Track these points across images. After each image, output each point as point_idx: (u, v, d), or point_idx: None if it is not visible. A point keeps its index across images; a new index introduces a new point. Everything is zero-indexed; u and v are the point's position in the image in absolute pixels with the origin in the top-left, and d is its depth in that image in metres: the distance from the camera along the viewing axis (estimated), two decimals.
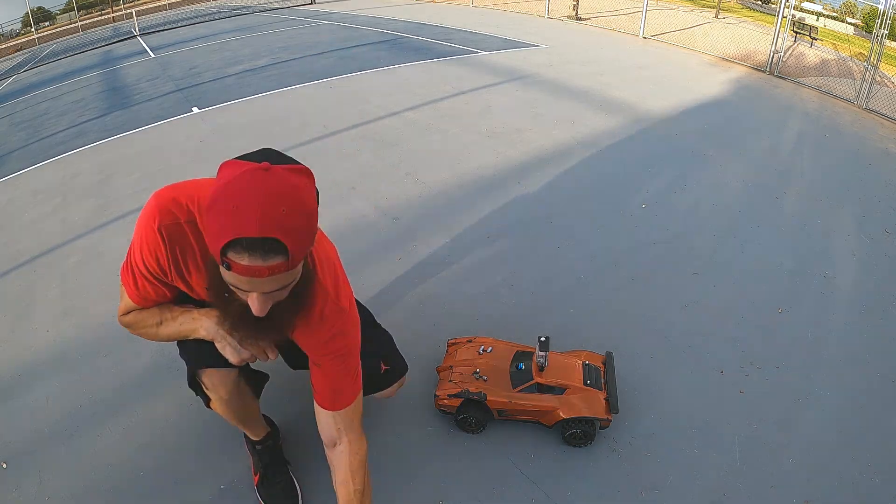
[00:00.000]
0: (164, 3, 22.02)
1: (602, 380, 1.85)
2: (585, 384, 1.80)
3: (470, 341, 2.03)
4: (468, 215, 3.08)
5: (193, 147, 4.31)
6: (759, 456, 1.72)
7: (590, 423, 1.75)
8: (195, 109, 5.15)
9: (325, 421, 1.27)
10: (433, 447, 1.85)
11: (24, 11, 21.13)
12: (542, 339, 1.77)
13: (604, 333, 2.23)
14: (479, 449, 1.83)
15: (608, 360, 1.93)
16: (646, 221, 2.95)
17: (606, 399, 1.78)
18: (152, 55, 9.33)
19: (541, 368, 1.81)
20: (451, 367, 1.94)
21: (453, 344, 2.05)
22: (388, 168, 3.66)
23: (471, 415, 1.80)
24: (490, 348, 1.96)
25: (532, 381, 1.79)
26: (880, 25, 5.16)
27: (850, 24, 11.94)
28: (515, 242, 2.84)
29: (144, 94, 6.38)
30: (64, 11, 22.59)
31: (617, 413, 1.76)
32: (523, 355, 1.90)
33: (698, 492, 1.64)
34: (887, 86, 5.89)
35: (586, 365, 1.87)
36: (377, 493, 1.54)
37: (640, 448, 1.80)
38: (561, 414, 1.76)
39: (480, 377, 1.85)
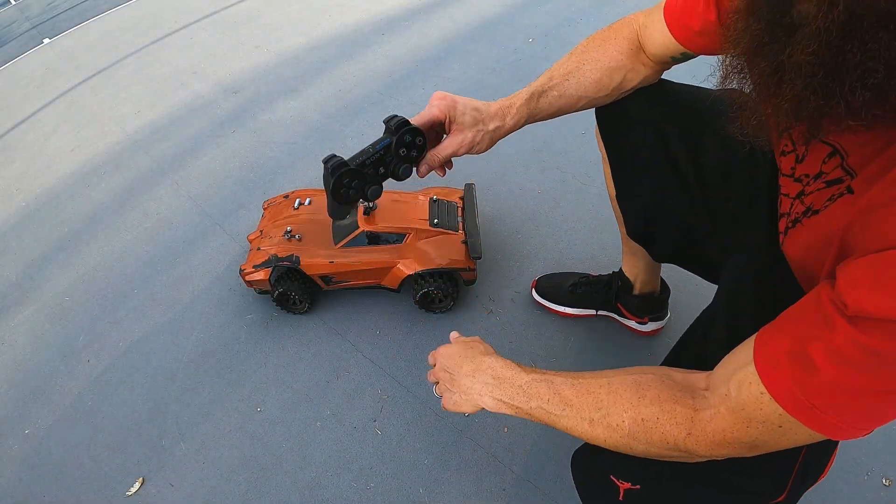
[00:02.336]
0: None
1: (459, 218, 1.40)
2: (433, 225, 1.34)
3: (286, 197, 1.52)
4: (319, 75, 2.48)
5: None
6: None
7: (447, 278, 1.31)
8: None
9: None
10: (253, 337, 1.40)
11: None
12: None
13: (475, 172, 1.76)
14: (307, 332, 1.39)
15: (468, 193, 1.46)
16: (532, 55, 2.44)
17: (465, 242, 1.34)
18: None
19: (367, 211, 1.32)
20: (261, 231, 1.44)
21: (268, 205, 1.53)
22: (235, 46, 2.98)
23: (288, 288, 1.33)
24: (309, 200, 1.46)
25: (358, 231, 1.31)
26: None
27: None
28: (372, 92, 2.29)
29: None
30: None
31: (480, 258, 1.33)
32: None
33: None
34: None
35: (435, 201, 1.41)
36: (188, 406, 1.30)
37: (512, 309, 1.41)
38: (403, 269, 1.31)
39: (293, 237, 1.36)
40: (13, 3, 5.21)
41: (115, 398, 1.35)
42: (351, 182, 0.71)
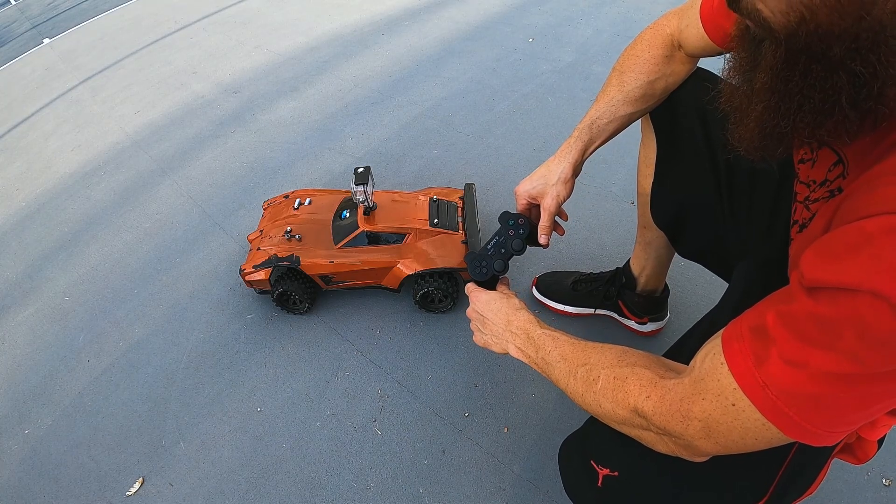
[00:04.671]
0: None
1: (459, 218, 1.40)
2: (433, 225, 1.34)
3: (286, 197, 1.52)
4: (319, 75, 2.48)
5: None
6: None
7: (447, 277, 1.31)
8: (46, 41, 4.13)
9: None
10: (253, 337, 1.40)
11: None
12: (360, 169, 1.28)
13: (475, 172, 1.76)
14: (307, 332, 1.39)
15: (468, 193, 1.46)
16: (532, 55, 2.45)
17: (465, 242, 1.34)
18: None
19: (367, 212, 1.32)
20: (261, 231, 1.44)
21: (268, 205, 1.53)
22: (235, 46, 2.98)
23: (288, 288, 1.33)
24: (309, 200, 1.46)
25: (358, 231, 1.31)
26: None
27: None
28: (372, 92, 2.29)
29: None
30: None
31: None
32: (351, 202, 1.41)
33: None
34: None
35: (435, 201, 1.41)
36: (188, 406, 1.30)
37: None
38: (403, 269, 1.31)
39: (293, 237, 1.36)
40: (13, 3, 5.22)
41: (115, 398, 1.35)
42: (481, 263, 0.88)
